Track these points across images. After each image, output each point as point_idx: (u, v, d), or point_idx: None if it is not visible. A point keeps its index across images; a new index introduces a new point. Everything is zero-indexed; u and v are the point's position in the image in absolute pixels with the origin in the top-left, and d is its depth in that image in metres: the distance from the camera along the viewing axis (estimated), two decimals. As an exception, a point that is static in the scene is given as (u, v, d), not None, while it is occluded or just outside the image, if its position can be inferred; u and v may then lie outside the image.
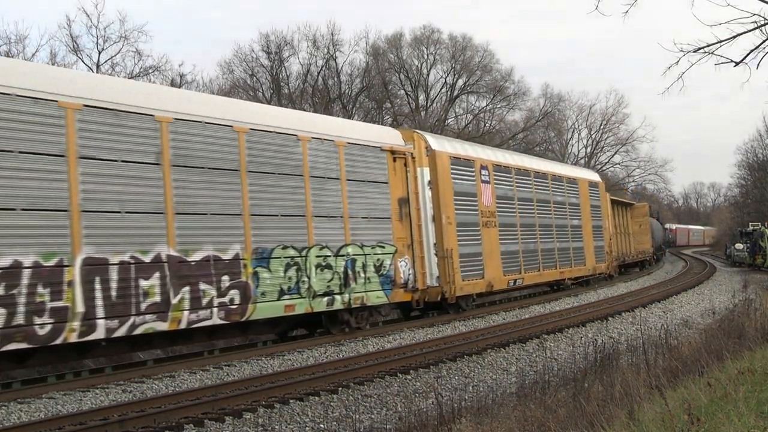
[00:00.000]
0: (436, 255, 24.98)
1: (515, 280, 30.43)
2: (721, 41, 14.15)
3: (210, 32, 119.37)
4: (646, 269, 57.92)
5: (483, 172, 28.51)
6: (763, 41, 14.04)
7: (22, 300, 14.03)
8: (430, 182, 25.22)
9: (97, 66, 37.70)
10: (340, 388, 14.60)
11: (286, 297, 19.64)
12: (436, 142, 26.21)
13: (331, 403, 13.75)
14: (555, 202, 35.28)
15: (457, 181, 26.58)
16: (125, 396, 14.71)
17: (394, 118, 60.38)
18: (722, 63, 14.40)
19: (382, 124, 59.95)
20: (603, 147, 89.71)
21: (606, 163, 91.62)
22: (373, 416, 13.19)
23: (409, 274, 23.90)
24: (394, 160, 23.83)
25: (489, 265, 28.08)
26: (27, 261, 14.24)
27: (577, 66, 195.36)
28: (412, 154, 24.51)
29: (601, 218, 41.17)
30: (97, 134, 15.72)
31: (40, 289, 14.29)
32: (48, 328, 14.37)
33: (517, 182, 31.60)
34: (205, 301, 17.39)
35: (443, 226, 25.28)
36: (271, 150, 19.86)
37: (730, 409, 9.11)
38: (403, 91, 62.93)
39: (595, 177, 42.90)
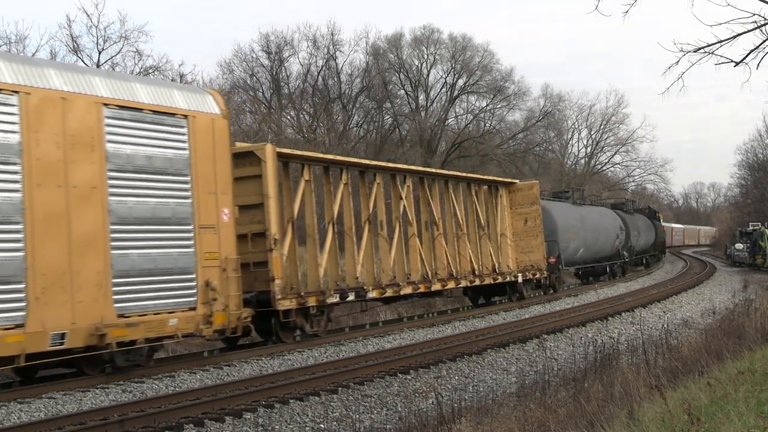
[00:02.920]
0: None
1: None
2: (721, 41, 14.12)
3: (210, 32, 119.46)
4: (523, 299, 32.08)
5: None
6: (763, 41, 14.01)
7: None
8: None
9: (97, 66, 37.68)
10: (340, 388, 14.59)
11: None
12: None
13: (331, 403, 13.75)
14: None
15: None
16: (125, 396, 14.71)
17: (394, 118, 60.35)
18: (722, 63, 14.37)
19: (382, 125, 59.89)
20: (603, 147, 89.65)
21: (606, 163, 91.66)
22: (373, 416, 13.19)
23: None
24: None
25: None
26: None
27: (577, 66, 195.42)
28: None
29: (191, 197, 17.42)
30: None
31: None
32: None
33: None
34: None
35: None
36: None
37: (730, 409, 9.11)
38: (403, 91, 62.91)
39: (162, 95, 17.38)
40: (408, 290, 25.27)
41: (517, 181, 34.84)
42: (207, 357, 18.64)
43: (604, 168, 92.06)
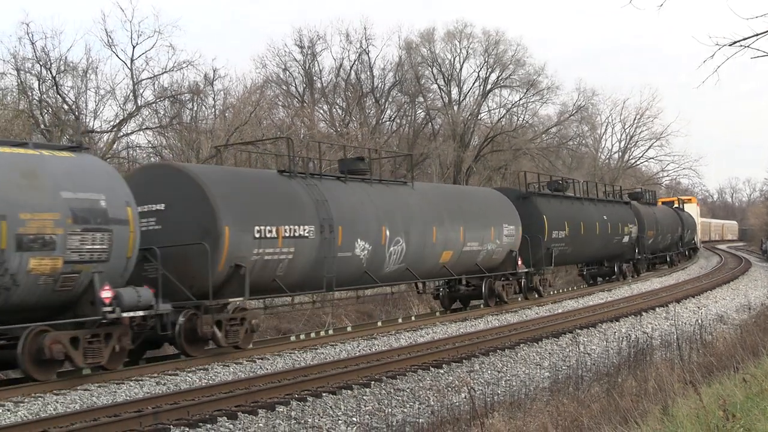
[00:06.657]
0: None
1: None
2: (757, 34, 13.91)
3: (243, 27, 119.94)
4: None
5: None
6: (801, 34, 13.82)
7: None
8: None
9: (131, 60, 38.01)
10: (372, 382, 14.62)
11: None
12: None
13: (364, 397, 13.77)
14: None
15: None
16: (159, 388, 14.82)
17: (427, 112, 60.25)
18: (758, 56, 14.20)
19: (414, 119, 59.80)
20: (637, 141, 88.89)
21: (640, 157, 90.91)
22: (405, 410, 13.20)
23: None
24: None
25: None
26: None
27: (611, 60, 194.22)
28: None
29: None
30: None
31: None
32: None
33: None
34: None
35: None
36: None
37: (766, 405, 9.04)
38: (435, 86, 62.67)
39: None
40: None
41: None
42: (240, 351, 18.72)
43: (638, 162, 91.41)
